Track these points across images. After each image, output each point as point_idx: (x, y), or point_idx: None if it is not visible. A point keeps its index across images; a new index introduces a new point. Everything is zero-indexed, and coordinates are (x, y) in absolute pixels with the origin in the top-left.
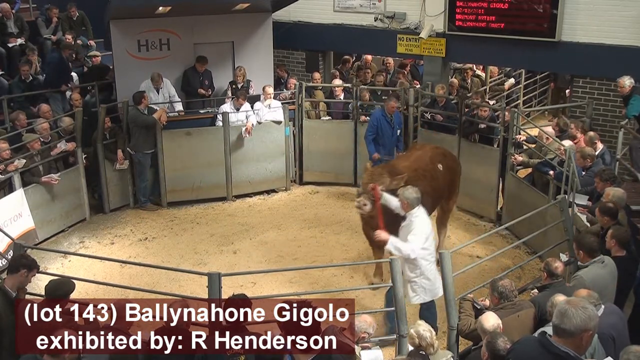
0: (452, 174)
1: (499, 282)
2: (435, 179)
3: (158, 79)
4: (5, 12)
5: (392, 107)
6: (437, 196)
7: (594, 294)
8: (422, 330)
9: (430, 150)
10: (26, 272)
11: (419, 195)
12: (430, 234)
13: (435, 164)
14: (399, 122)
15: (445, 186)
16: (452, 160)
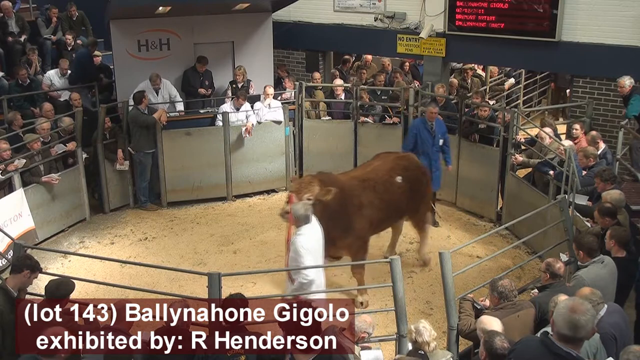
0: (416, 185)
1: (498, 282)
2: (390, 192)
3: (156, 79)
4: (6, 11)
5: (432, 114)
6: (393, 209)
7: (597, 292)
8: (421, 326)
9: (392, 161)
10: (29, 273)
11: (308, 212)
12: (316, 249)
13: (393, 176)
14: (441, 130)
15: (405, 199)
16: (417, 171)
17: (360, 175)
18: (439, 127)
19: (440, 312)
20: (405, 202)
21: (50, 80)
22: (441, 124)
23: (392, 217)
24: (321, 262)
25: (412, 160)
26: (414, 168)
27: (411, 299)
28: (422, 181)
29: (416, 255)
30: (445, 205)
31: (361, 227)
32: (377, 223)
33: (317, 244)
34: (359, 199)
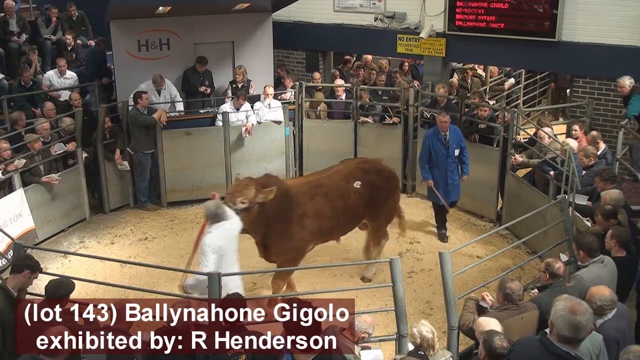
0: (376, 191)
1: (507, 284)
2: (345, 198)
3: (160, 80)
4: (9, 10)
5: (442, 123)
6: (348, 216)
7: (614, 296)
8: (424, 331)
9: (352, 165)
10: (29, 274)
11: (218, 211)
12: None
13: (350, 181)
14: (456, 140)
15: (362, 204)
16: (379, 177)
17: (313, 181)
18: (453, 136)
19: (440, 312)
20: (362, 207)
21: (49, 80)
22: (456, 132)
23: (347, 224)
24: (234, 263)
25: (376, 165)
26: (376, 173)
27: (411, 299)
28: (384, 188)
29: (416, 256)
30: None
31: (300, 237)
32: (327, 232)
33: (227, 242)
34: (303, 208)
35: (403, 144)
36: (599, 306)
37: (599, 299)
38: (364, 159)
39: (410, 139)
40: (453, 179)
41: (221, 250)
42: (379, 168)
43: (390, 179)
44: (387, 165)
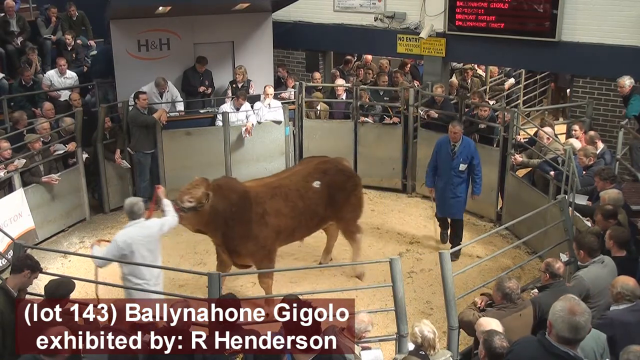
0: (336, 190)
1: (505, 284)
2: (305, 198)
3: (163, 83)
4: (9, 11)
5: (452, 133)
6: (309, 216)
7: (637, 291)
8: (426, 331)
9: (312, 166)
10: (29, 274)
11: (134, 208)
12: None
13: (309, 181)
14: (466, 154)
15: (323, 205)
16: (339, 176)
17: (273, 181)
18: (464, 149)
19: (440, 312)
20: (323, 207)
21: (49, 80)
22: (469, 146)
23: (309, 225)
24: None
25: (335, 164)
26: (335, 172)
27: (411, 299)
28: (346, 187)
29: (416, 256)
30: None
31: (265, 235)
32: (289, 231)
33: (139, 240)
34: (263, 207)
35: (403, 144)
36: (619, 292)
37: (620, 286)
38: (324, 159)
39: (410, 139)
40: (454, 194)
41: (129, 247)
42: (339, 168)
43: (351, 178)
44: (347, 165)
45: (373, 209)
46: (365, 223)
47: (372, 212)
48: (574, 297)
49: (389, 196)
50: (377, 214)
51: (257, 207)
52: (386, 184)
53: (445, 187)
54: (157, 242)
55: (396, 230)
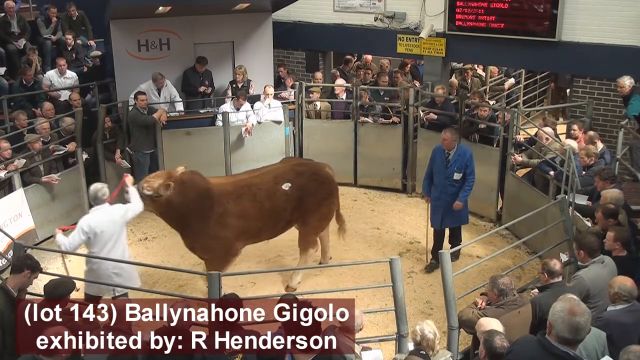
0: (307, 195)
1: (499, 280)
2: (273, 199)
3: (160, 78)
4: (9, 11)
5: (445, 141)
6: (276, 218)
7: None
8: (427, 331)
9: (287, 166)
10: (29, 274)
11: (98, 194)
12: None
13: (280, 182)
14: (460, 162)
15: (290, 207)
16: (313, 181)
17: (243, 180)
18: (459, 157)
19: (440, 312)
20: (290, 210)
21: (50, 80)
22: (464, 155)
23: (276, 226)
24: (120, 248)
25: (312, 168)
26: (309, 176)
27: (411, 299)
28: (317, 192)
29: (417, 256)
30: None
31: (222, 236)
32: (254, 232)
33: (103, 225)
34: (225, 207)
35: (403, 144)
36: (616, 292)
37: (618, 286)
38: (303, 161)
39: (410, 139)
40: (449, 204)
41: (92, 231)
42: (314, 172)
43: (325, 185)
44: (326, 171)
45: (373, 209)
46: (365, 223)
47: (372, 212)
48: (574, 298)
49: (389, 196)
50: (377, 214)
51: (218, 206)
52: (386, 184)
53: (439, 196)
54: (121, 227)
55: (396, 230)
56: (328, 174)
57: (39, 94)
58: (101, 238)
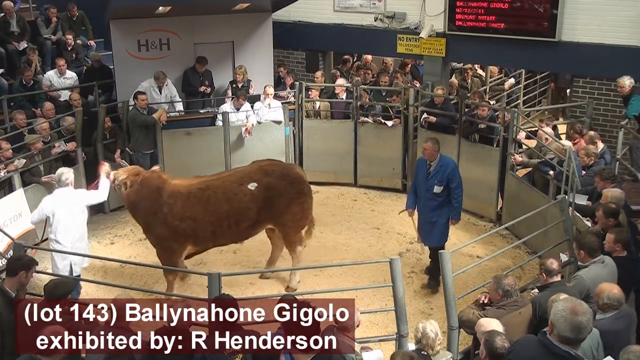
0: (275, 195)
1: (504, 281)
2: (233, 201)
3: (162, 76)
4: (8, 11)
5: (425, 151)
6: (237, 219)
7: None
8: (429, 329)
9: (257, 166)
10: (25, 273)
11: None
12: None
13: (245, 183)
14: (442, 174)
15: (256, 207)
16: (282, 180)
17: (202, 182)
18: (441, 169)
19: (441, 312)
20: (256, 210)
21: (49, 80)
22: (447, 167)
23: (238, 228)
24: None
25: (282, 168)
26: (278, 176)
27: (411, 299)
28: (286, 192)
29: (416, 256)
30: None
31: (160, 234)
32: (207, 235)
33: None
34: (169, 207)
35: (403, 144)
36: (605, 303)
37: (607, 296)
38: (273, 161)
39: (410, 139)
40: (430, 218)
41: (51, 209)
42: (284, 172)
43: (295, 184)
44: (296, 171)
45: (373, 209)
46: (365, 223)
47: (372, 212)
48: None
49: (389, 196)
50: (377, 214)
51: (164, 205)
52: (386, 184)
53: (421, 210)
54: (80, 210)
55: (396, 230)
56: (298, 174)
57: (39, 94)
58: (57, 217)
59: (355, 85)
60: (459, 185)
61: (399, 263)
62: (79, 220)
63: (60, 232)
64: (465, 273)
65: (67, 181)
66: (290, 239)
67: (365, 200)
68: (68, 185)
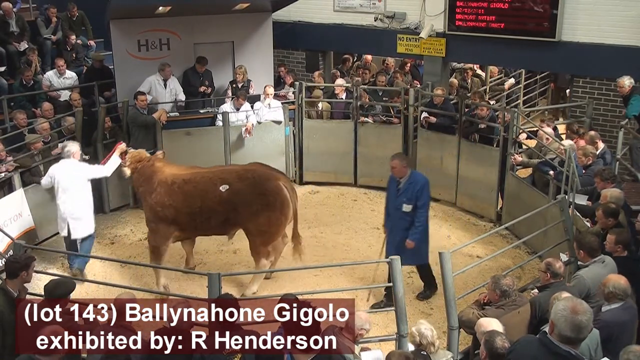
0: (242, 202)
1: (502, 282)
2: (206, 199)
3: (167, 68)
4: (7, 12)
5: (394, 169)
6: (208, 216)
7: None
8: (423, 328)
9: (237, 168)
10: (25, 273)
11: (64, 149)
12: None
13: (218, 184)
14: (411, 193)
15: (225, 210)
16: (251, 189)
17: (188, 174)
18: (410, 187)
19: (440, 312)
20: (224, 212)
21: (49, 80)
22: (417, 185)
23: (209, 224)
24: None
25: (257, 176)
26: (249, 184)
27: (411, 299)
28: (253, 203)
29: None
30: (446, 205)
31: (148, 217)
32: (185, 225)
33: (64, 176)
34: (157, 193)
35: (403, 144)
36: (610, 292)
37: (612, 285)
38: (254, 167)
39: (410, 139)
40: (402, 238)
41: (54, 178)
42: (257, 181)
43: (264, 197)
44: (274, 184)
45: (373, 209)
46: (365, 223)
47: (372, 212)
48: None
49: None
50: (377, 214)
51: (153, 193)
52: (386, 184)
53: (393, 230)
54: (83, 182)
55: None
56: (274, 187)
57: (39, 94)
58: (60, 185)
59: (355, 85)
60: (425, 205)
61: (399, 263)
62: (81, 189)
63: (61, 197)
64: (465, 273)
65: (69, 153)
66: (256, 249)
67: (365, 200)
68: (70, 157)
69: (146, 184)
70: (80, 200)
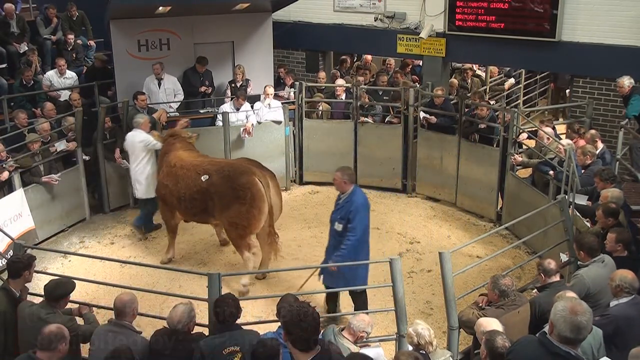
0: (215, 194)
1: (501, 281)
2: (189, 187)
3: (158, 67)
4: (8, 13)
5: (335, 181)
6: (192, 203)
7: (636, 283)
8: (420, 328)
9: (220, 161)
10: (27, 273)
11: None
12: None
13: (200, 173)
14: (346, 211)
15: (202, 200)
16: (225, 182)
17: (186, 161)
18: (345, 205)
19: (440, 312)
20: (201, 200)
21: (49, 80)
22: (352, 203)
23: (193, 211)
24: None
25: (234, 170)
26: (225, 176)
27: (411, 299)
28: (225, 196)
29: (416, 256)
30: (446, 205)
31: (160, 188)
32: (176, 205)
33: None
34: (161, 172)
35: (403, 144)
36: (617, 285)
37: (619, 279)
38: (236, 162)
39: (410, 139)
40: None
41: (127, 144)
42: (231, 175)
43: (236, 190)
44: (247, 179)
45: (373, 209)
46: None
47: (372, 212)
48: (575, 297)
49: (389, 196)
50: (377, 214)
51: (164, 169)
52: (386, 184)
53: (328, 247)
54: (140, 149)
55: (396, 230)
56: (247, 182)
57: (39, 94)
58: (128, 151)
59: (355, 86)
60: (355, 229)
61: (399, 263)
62: (141, 158)
63: (130, 163)
64: (465, 273)
65: (137, 124)
66: (233, 242)
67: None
68: (136, 128)
69: (161, 160)
70: (139, 166)
